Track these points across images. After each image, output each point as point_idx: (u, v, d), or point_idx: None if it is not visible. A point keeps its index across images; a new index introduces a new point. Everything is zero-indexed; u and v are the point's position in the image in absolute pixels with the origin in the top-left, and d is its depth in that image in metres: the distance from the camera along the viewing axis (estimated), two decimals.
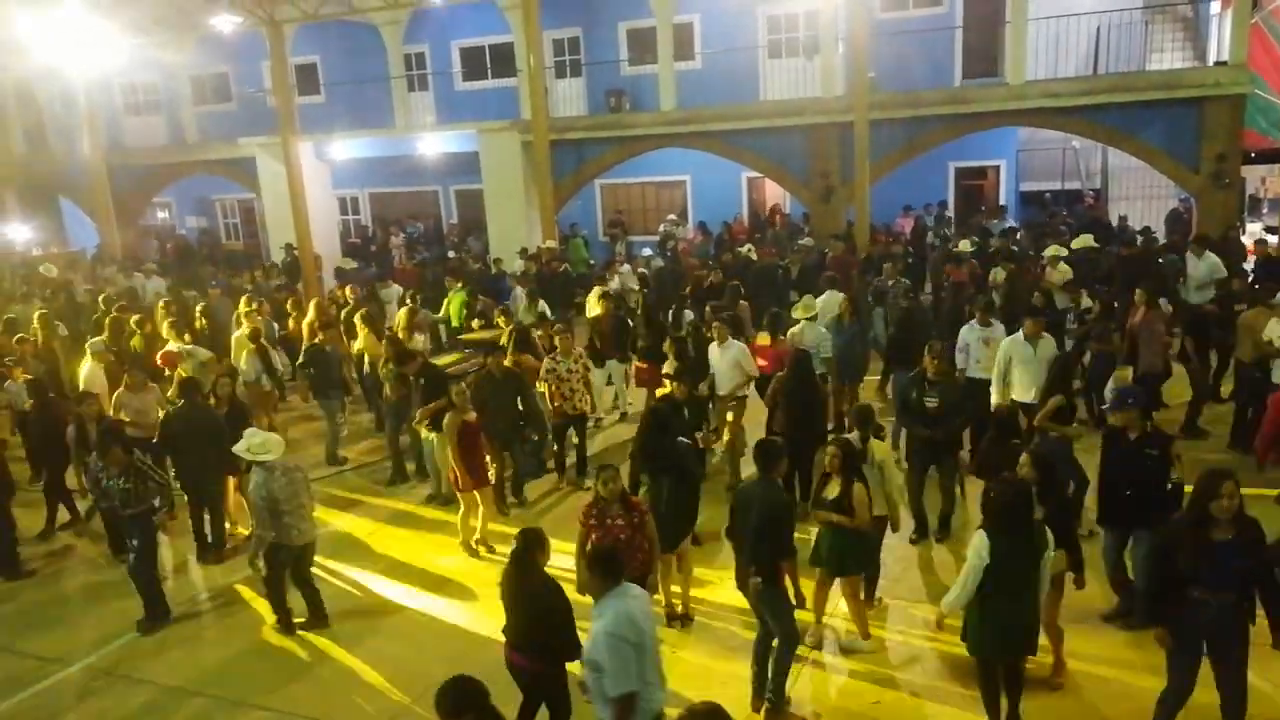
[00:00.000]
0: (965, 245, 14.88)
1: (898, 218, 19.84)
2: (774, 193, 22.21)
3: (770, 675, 5.94)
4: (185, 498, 8.98)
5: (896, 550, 7.78)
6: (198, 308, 14.20)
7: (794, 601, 5.88)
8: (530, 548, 5.24)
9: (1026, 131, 20.25)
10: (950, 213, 20.41)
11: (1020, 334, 8.95)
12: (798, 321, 10.37)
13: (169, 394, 9.98)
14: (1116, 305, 11.82)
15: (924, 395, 8.00)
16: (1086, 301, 11.97)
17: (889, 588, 7.36)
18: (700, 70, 20.95)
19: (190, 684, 6.85)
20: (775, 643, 5.91)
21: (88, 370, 10.84)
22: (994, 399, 8.90)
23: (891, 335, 11.10)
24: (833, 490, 6.43)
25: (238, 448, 7.19)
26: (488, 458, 8.97)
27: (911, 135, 17.93)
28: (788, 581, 5.80)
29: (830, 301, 11.38)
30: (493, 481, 9.06)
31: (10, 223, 28.08)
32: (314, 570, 7.72)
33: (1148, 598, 5.49)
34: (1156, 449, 6.39)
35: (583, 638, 4.76)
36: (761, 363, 9.97)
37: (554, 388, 9.81)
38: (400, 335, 11.63)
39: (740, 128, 19.09)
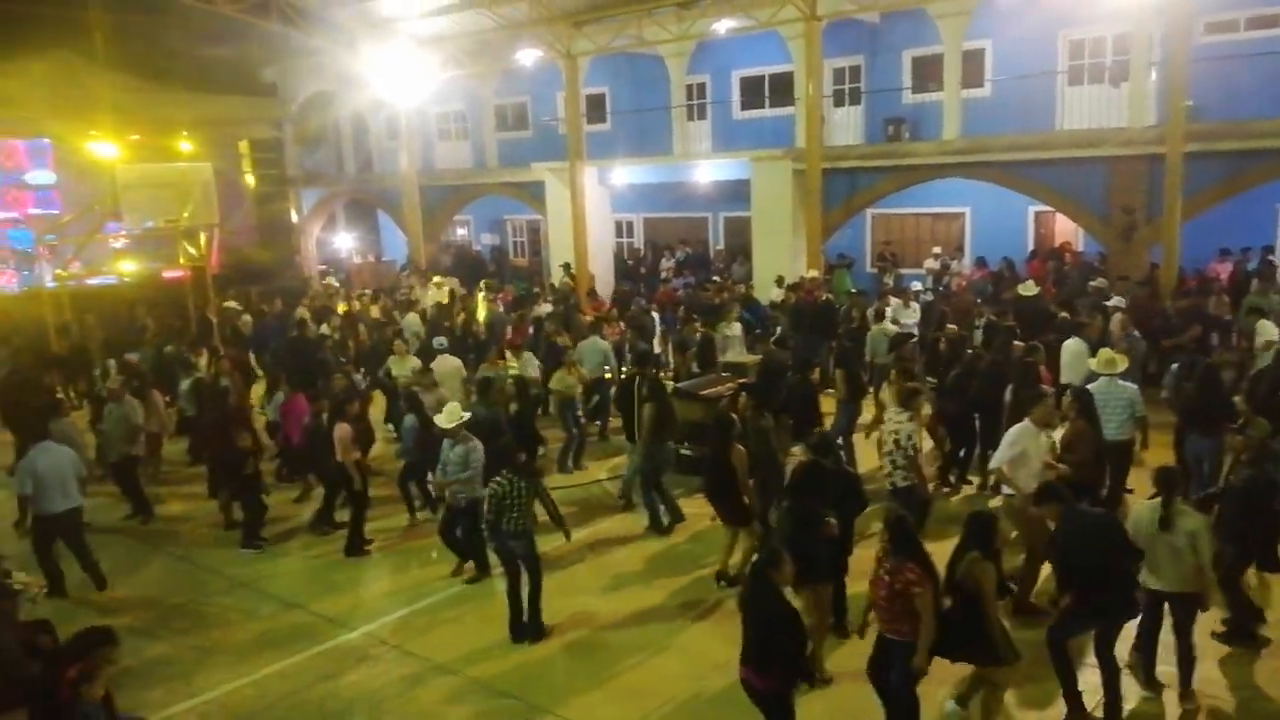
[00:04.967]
0: None
1: (1213, 262, 17.67)
2: (1064, 229, 20.57)
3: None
4: None
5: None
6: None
7: None
8: (769, 565, 5.35)
9: None
10: (1276, 258, 17.86)
11: None
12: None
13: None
14: None
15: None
16: None
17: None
18: (989, 97, 19.90)
19: (451, 664, 7.39)
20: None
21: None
22: None
23: (1187, 395, 9.54)
24: None
25: (439, 419, 8.58)
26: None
27: (1234, 170, 15.95)
28: None
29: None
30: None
31: (339, 233, 32.38)
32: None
33: None
34: None
35: None
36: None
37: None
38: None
39: (1031, 158, 17.90)
